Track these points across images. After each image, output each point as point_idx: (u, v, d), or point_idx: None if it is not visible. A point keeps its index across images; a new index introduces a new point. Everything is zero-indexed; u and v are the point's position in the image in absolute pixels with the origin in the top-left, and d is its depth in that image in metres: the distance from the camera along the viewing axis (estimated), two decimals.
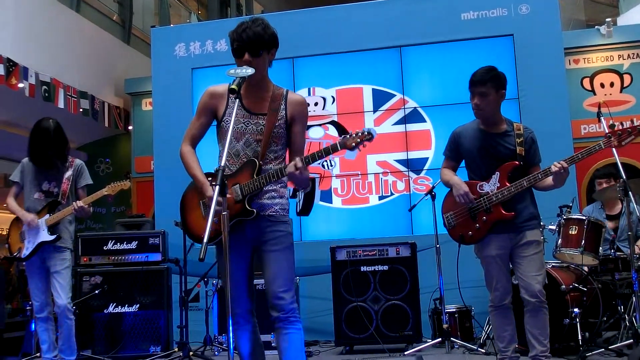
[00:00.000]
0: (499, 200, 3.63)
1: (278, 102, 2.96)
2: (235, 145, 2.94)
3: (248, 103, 2.94)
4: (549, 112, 6.30)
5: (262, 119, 2.93)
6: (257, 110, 2.95)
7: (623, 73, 7.70)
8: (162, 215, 6.83)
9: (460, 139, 3.82)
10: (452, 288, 5.39)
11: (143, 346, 5.61)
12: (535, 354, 3.61)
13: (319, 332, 6.12)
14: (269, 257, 2.89)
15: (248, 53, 2.89)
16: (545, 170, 3.57)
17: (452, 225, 3.80)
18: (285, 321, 2.84)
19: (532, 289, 3.55)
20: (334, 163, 6.87)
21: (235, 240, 2.86)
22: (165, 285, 5.74)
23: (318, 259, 6.14)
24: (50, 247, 4.54)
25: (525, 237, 3.63)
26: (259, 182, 2.84)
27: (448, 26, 6.74)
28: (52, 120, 4.65)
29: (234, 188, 2.87)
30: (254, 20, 2.96)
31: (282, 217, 2.95)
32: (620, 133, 3.53)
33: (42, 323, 4.58)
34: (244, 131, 2.93)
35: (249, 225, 2.89)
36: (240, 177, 2.89)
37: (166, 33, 7.65)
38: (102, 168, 9.95)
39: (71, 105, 7.98)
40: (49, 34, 7.93)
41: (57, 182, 4.66)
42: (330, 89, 7.01)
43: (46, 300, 4.59)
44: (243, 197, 2.86)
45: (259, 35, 2.89)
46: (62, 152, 4.65)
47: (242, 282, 2.94)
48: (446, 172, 3.87)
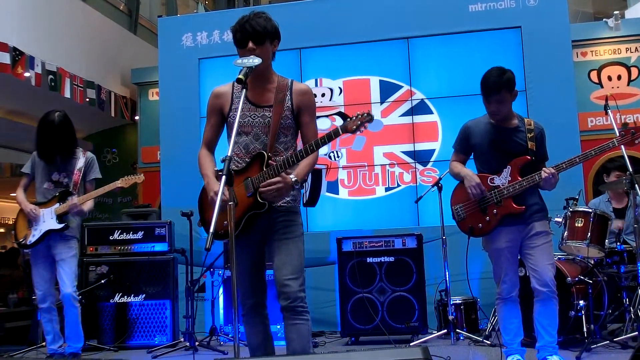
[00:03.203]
0: (511, 194, 3.63)
1: (283, 92, 2.96)
2: (245, 140, 2.96)
3: (252, 96, 2.96)
4: (557, 105, 6.28)
5: (267, 111, 2.95)
6: (262, 103, 2.97)
7: (630, 66, 7.67)
8: (168, 206, 6.85)
9: (471, 132, 3.81)
10: (458, 280, 5.41)
11: (149, 336, 5.64)
12: (543, 344, 3.62)
13: (325, 323, 6.14)
14: (279, 245, 2.90)
15: (252, 41, 2.90)
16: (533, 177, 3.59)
17: (462, 217, 3.80)
18: (292, 311, 2.84)
19: (544, 279, 3.55)
20: (340, 154, 6.87)
21: (247, 234, 2.90)
22: (172, 275, 5.76)
23: (324, 250, 6.16)
24: (57, 235, 4.57)
25: (534, 228, 3.64)
26: (268, 174, 2.83)
27: (456, 18, 6.71)
28: (59, 113, 4.62)
29: (245, 182, 2.88)
30: (256, 13, 2.98)
31: (293, 208, 2.97)
32: (634, 132, 3.54)
33: (45, 314, 4.60)
34: (252, 124, 2.95)
35: (260, 218, 2.89)
36: (250, 171, 2.91)
37: (173, 23, 7.64)
38: (109, 158, 9.97)
39: (77, 95, 7.99)
40: (55, 23, 7.93)
41: (67, 173, 4.69)
42: (337, 80, 6.99)
43: (49, 290, 4.61)
44: (255, 191, 2.86)
45: (262, 25, 2.92)
46: (68, 146, 4.65)
47: (254, 275, 2.97)
48: (456, 165, 3.88)
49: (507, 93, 3.63)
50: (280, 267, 2.87)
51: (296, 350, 2.83)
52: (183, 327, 5.49)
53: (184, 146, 7.03)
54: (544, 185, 3.62)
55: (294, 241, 2.91)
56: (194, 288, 5.49)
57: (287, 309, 2.84)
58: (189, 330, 5.30)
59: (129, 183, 4.72)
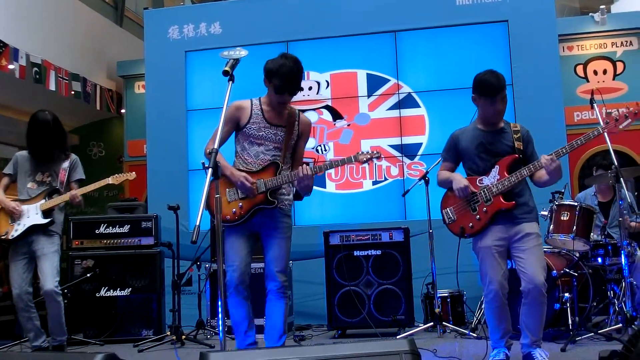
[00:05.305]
0: (500, 191, 3.63)
1: (294, 119, 3.61)
2: (257, 149, 3.55)
3: (270, 116, 3.57)
4: (543, 99, 6.31)
5: (280, 130, 3.56)
6: (276, 123, 3.57)
7: (616, 60, 7.72)
8: (155, 199, 6.81)
9: (459, 139, 3.83)
10: (444, 273, 5.43)
11: (135, 330, 5.62)
12: (526, 342, 3.63)
13: (312, 316, 6.15)
14: (275, 242, 3.54)
15: (289, 94, 3.55)
16: (535, 165, 3.58)
17: (453, 219, 3.79)
18: (277, 293, 3.51)
19: (535, 282, 3.51)
20: (328, 148, 6.86)
21: (246, 226, 3.52)
22: (158, 269, 5.74)
23: (311, 243, 6.16)
24: (40, 230, 4.55)
25: (523, 229, 3.62)
26: (282, 179, 3.47)
27: (443, 11, 6.72)
28: (48, 112, 4.64)
29: (257, 182, 3.47)
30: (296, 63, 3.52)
31: (289, 211, 3.64)
32: (617, 118, 3.57)
33: (24, 313, 4.55)
34: (265, 138, 3.55)
35: (261, 213, 3.50)
36: (263, 174, 3.51)
37: (159, 15, 7.59)
38: (95, 152, 9.90)
39: (62, 88, 7.90)
40: (40, 14, 7.84)
41: (50, 173, 4.70)
42: (325, 73, 6.98)
43: (25, 289, 4.55)
44: (266, 190, 3.46)
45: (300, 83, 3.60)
46: (62, 144, 4.69)
47: (248, 260, 3.55)
48: (444, 172, 3.88)
49: (505, 90, 3.69)
50: (273, 261, 3.52)
51: (276, 323, 3.50)
52: (169, 321, 5.47)
53: (171, 139, 7.01)
54: (550, 176, 3.57)
55: (286, 241, 3.57)
56: (180, 282, 5.47)
57: (273, 291, 3.51)
58: (175, 324, 5.28)
59: (120, 180, 4.74)
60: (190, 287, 5.85)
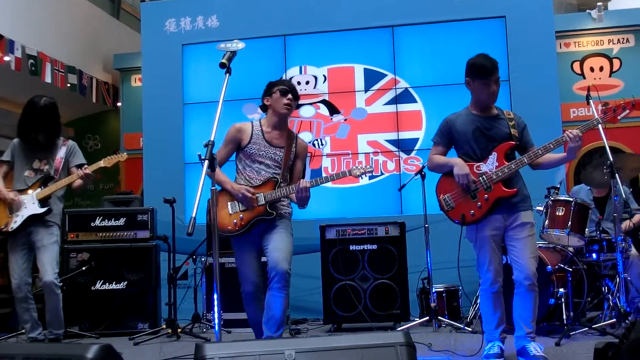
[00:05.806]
0: (500, 179, 3.63)
1: (292, 141, 3.89)
2: (258, 166, 3.81)
3: (270, 137, 3.84)
4: (539, 95, 6.32)
5: (279, 150, 3.84)
6: (275, 144, 3.84)
7: (612, 57, 7.74)
8: (151, 193, 6.80)
9: (453, 124, 3.79)
10: (440, 268, 5.45)
11: (131, 323, 5.61)
12: (520, 335, 3.64)
13: (308, 311, 6.16)
14: (275, 232, 3.72)
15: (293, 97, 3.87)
16: (558, 140, 3.62)
17: (452, 206, 3.75)
18: (278, 284, 3.57)
19: (526, 272, 3.54)
20: (324, 142, 6.86)
21: (251, 236, 3.75)
22: (154, 262, 5.74)
23: (308, 237, 6.15)
24: (38, 221, 4.52)
25: (519, 218, 3.64)
26: (281, 192, 3.73)
27: (441, 7, 6.72)
28: (46, 97, 4.57)
29: (258, 195, 3.72)
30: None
31: (289, 217, 3.89)
32: (615, 108, 3.63)
33: (22, 303, 4.51)
34: (266, 156, 3.81)
35: (261, 224, 3.73)
36: (263, 188, 3.76)
37: (156, 8, 7.55)
38: (91, 144, 9.87)
39: (58, 80, 7.89)
40: (36, 6, 7.80)
41: (47, 161, 4.64)
42: (322, 67, 6.97)
43: (25, 279, 4.51)
44: (265, 202, 3.71)
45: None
46: (50, 131, 4.60)
47: (256, 267, 3.77)
48: (438, 157, 3.83)
49: (498, 72, 3.70)
50: (275, 249, 3.65)
51: (275, 314, 3.58)
52: (165, 315, 5.47)
53: (167, 133, 6.99)
54: (568, 154, 3.63)
55: (287, 234, 3.76)
56: (176, 275, 5.47)
57: (274, 282, 3.58)
58: (171, 318, 5.29)
59: (112, 162, 4.71)
60: (185, 281, 5.85)
